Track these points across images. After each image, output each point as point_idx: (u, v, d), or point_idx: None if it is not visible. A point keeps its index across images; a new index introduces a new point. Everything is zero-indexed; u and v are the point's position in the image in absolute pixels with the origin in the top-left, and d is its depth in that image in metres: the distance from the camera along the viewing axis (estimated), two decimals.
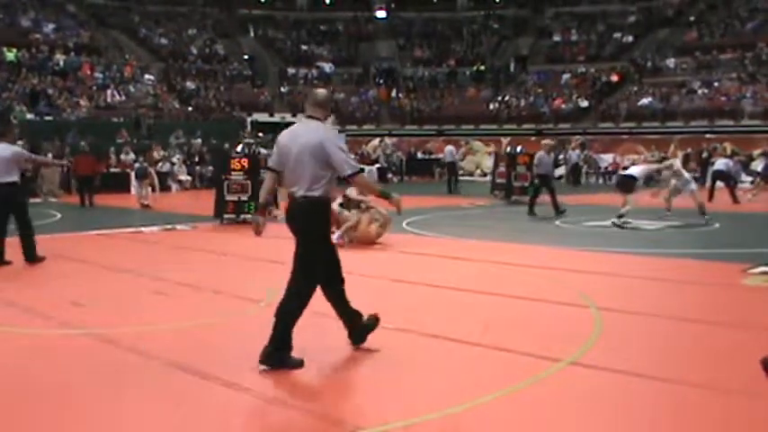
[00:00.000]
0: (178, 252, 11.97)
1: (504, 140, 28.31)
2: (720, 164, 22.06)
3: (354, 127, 41.19)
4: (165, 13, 44.31)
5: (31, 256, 10.16)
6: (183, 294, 8.39)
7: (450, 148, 28.82)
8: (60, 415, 4.63)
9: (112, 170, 27.18)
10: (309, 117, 5.69)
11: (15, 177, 10.11)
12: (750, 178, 26.25)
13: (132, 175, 25.10)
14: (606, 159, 33.37)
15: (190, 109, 37.01)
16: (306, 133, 5.56)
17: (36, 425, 4.48)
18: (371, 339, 6.33)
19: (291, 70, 44.07)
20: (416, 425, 4.36)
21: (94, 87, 34.64)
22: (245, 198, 15.29)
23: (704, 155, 29.34)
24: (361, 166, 5.87)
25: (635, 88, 39.08)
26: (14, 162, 10.15)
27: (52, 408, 4.73)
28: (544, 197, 17.25)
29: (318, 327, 6.86)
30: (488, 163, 30.56)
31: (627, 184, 14.95)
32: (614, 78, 40.19)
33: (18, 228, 10.23)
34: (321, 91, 5.94)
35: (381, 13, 48.29)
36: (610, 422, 4.52)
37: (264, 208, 6.10)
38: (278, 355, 5.41)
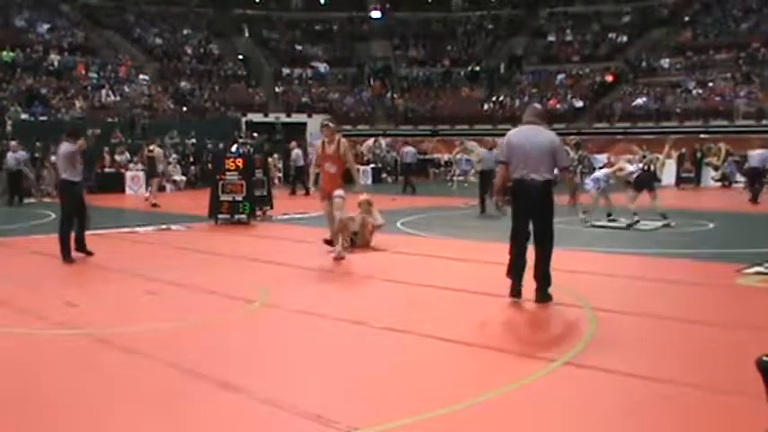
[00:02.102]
0: (173, 252, 11.95)
1: (500, 141, 28.28)
2: (755, 159, 20.84)
3: (349, 127, 41.15)
4: (159, 13, 44.25)
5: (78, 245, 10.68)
6: (178, 295, 8.38)
7: (409, 149, 28.94)
8: (55, 415, 4.62)
9: (107, 170, 27.14)
10: (532, 123, 7.83)
11: (65, 176, 10.62)
12: (744, 178, 26.30)
13: (141, 174, 25.32)
14: (601, 159, 33.40)
15: (184, 109, 36.95)
16: (538, 135, 7.68)
17: (30, 424, 4.47)
18: (367, 340, 6.35)
19: (286, 70, 44.05)
20: (411, 425, 4.36)
21: (89, 87, 34.58)
22: (239, 198, 15.27)
23: (698, 155, 29.44)
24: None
25: (629, 88, 39.16)
26: (64, 160, 10.62)
27: (47, 408, 4.72)
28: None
29: (312, 328, 6.87)
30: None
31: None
32: (609, 78, 40.27)
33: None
34: (538, 105, 8.57)
35: (376, 14, 48.28)
36: (604, 422, 4.52)
37: (504, 192, 8.08)
38: (549, 292, 7.56)
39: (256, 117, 39.37)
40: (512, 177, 7.78)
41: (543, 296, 7.61)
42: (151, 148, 21.95)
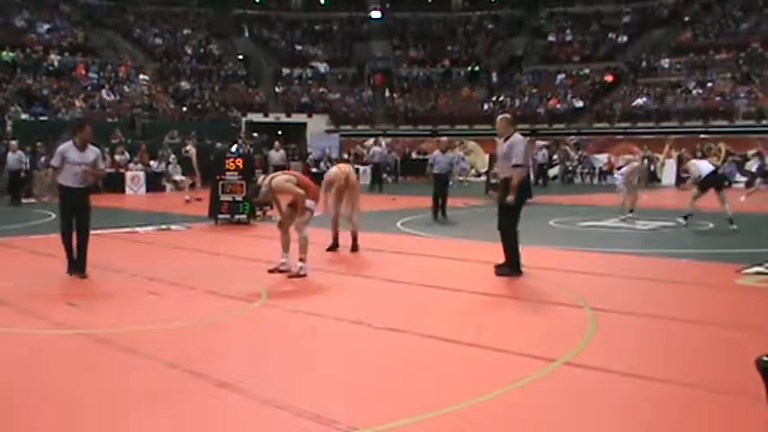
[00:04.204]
0: (173, 252, 11.95)
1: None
2: None
3: (349, 127, 41.18)
4: (159, 14, 44.24)
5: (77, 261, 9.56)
6: (178, 294, 8.37)
7: (376, 149, 29.10)
8: (54, 415, 4.62)
9: (107, 170, 27.11)
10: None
11: (59, 178, 9.40)
12: (744, 178, 26.31)
13: (140, 174, 25.51)
14: (601, 159, 33.47)
15: (184, 109, 36.93)
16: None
17: (30, 425, 4.46)
18: (367, 340, 6.35)
19: (286, 70, 44.02)
20: (411, 425, 4.36)
21: (89, 87, 34.57)
22: (239, 198, 15.26)
23: (698, 155, 29.39)
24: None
25: (629, 88, 39.13)
26: (62, 161, 9.29)
27: (46, 408, 4.72)
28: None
29: (312, 328, 6.87)
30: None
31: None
32: (609, 78, 40.23)
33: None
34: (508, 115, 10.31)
35: (376, 14, 48.28)
36: (604, 422, 4.52)
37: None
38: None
39: (256, 117, 39.34)
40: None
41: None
42: (187, 148, 22.56)
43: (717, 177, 14.75)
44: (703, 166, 14.77)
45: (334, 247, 11.55)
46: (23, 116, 29.95)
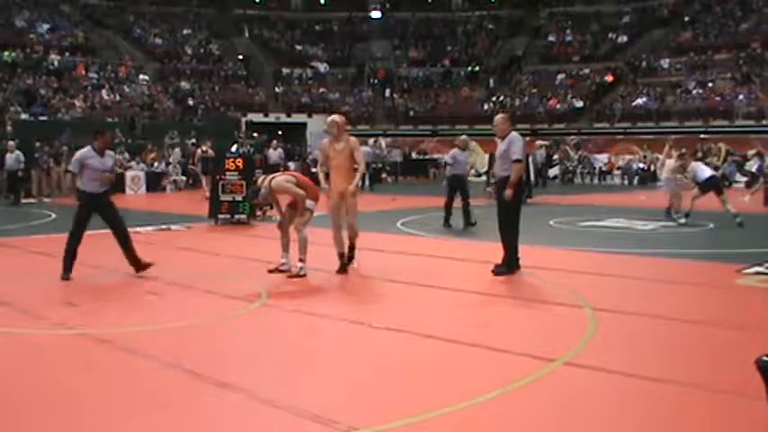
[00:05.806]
0: (172, 252, 11.94)
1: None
2: None
3: (349, 127, 41.09)
4: (159, 14, 44.22)
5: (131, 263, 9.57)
6: (177, 295, 8.38)
7: (366, 148, 29.18)
8: (54, 415, 4.62)
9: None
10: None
11: (78, 184, 9.41)
12: (744, 178, 26.29)
13: (141, 174, 25.78)
14: (601, 159, 33.46)
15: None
16: None
17: (30, 424, 4.46)
18: (367, 340, 6.35)
19: (286, 70, 44.00)
20: (411, 425, 4.36)
21: (89, 87, 34.58)
22: (239, 198, 15.25)
23: (698, 155, 29.41)
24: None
25: (629, 88, 39.12)
26: (81, 167, 9.31)
27: (47, 407, 4.72)
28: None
29: (312, 328, 6.88)
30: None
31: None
32: (609, 78, 40.22)
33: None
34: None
35: (376, 14, 48.26)
36: (604, 422, 4.52)
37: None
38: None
39: (256, 117, 39.34)
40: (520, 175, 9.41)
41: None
42: (204, 148, 23.34)
43: (716, 181, 15.03)
44: (701, 170, 14.92)
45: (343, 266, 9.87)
46: (23, 116, 29.97)
